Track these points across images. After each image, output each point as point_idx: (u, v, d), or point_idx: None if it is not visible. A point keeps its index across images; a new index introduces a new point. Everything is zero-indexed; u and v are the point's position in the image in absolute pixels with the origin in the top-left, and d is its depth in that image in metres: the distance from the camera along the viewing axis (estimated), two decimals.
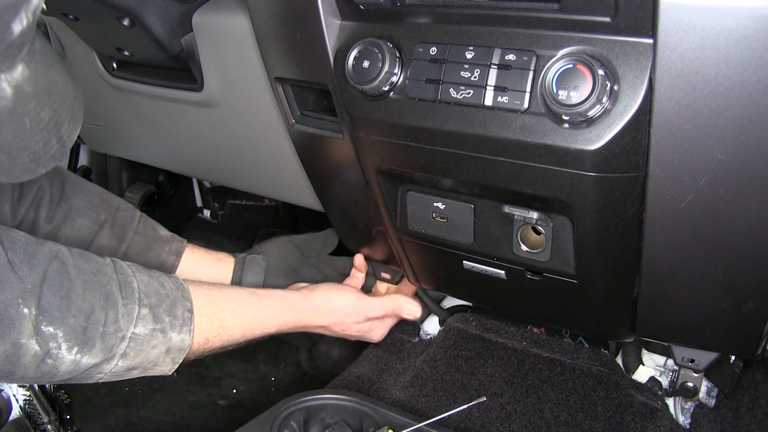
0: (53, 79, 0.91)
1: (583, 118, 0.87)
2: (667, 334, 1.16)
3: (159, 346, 1.06)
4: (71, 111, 0.95)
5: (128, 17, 1.41)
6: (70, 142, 0.96)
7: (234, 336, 1.21)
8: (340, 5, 1.09)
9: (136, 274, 1.08)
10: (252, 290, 1.29)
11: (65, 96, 0.94)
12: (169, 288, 1.10)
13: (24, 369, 0.94)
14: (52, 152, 0.92)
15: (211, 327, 1.15)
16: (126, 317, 1.02)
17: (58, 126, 0.92)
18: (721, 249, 0.94)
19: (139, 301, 1.04)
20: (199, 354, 1.16)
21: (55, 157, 0.94)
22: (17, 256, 0.95)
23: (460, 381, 1.45)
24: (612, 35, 0.86)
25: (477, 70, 0.96)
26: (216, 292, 1.20)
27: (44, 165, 0.92)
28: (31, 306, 0.93)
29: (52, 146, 0.92)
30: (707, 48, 0.78)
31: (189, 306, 1.11)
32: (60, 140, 0.93)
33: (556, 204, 1.02)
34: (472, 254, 1.22)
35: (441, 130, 1.01)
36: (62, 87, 0.93)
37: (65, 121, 0.94)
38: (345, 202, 1.43)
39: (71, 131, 0.96)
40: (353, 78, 1.06)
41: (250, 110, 1.51)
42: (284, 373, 1.96)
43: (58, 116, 0.92)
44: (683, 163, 0.87)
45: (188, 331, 1.09)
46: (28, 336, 0.93)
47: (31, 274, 0.95)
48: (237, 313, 1.20)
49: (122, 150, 2.19)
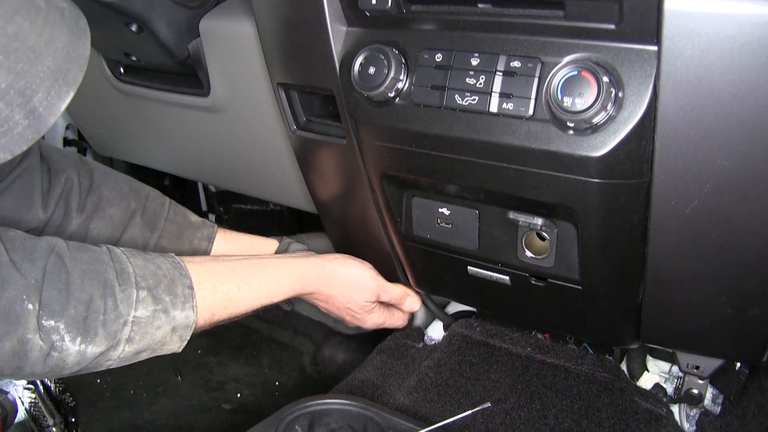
0: (19, 31, 0.74)
1: (587, 124, 0.88)
2: (672, 340, 1.16)
3: (163, 326, 1.04)
4: (54, 74, 0.79)
5: (136, 23, 1.42)
6: (49, 116, 0.79)
7: (241, 308, 1.19)
8: (347, 11, 1.10)
9: (131, 259, 1.06)
10: (258, 260, 1.26)
11: (43, 54, 0.77)
12: (166, 268, 1.08)
13: (32, 364, 0.94)
14: (17, 131, 0.76)
15: (215, 301, 1.13)
16: (125, 302, 1.00)
17: (26, 95, 0.76)
18: (726, 255, 0.94)
19: (136, 284, 1.02)
20: (208, 327, 1.15)
21: (24, 137, 0.77)
22: (17, 254, 0.94)
23: (464, 386, 1.45)
24: (617, 42, 0.87)
25: (482, 77, 0.96)
26: (218, 265, 1.18)
27: (6, 148, 0.76)
28: (35, 301, 0.93)
29: (16, 123, 0.76)
30: (711, 55, 0.79)
31: (188, 283, 1.09)
32: (31, 114, 0.77)
33: (560, 210, 1.03)
34: (476, 260, 1.22)
35: (446, 136, 1.02)
36: (37, 42, 0.76)
37: (41, 88, 0.77)
38: (342, 208, 1.43)
39: (53, 101, 0.79)
40: (359, 84, 1.07)
41: (255, 116, 1.51)
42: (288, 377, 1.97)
43: (25, 81, 0.75)
44: (688, 170, 0.88)
45: (191, 308, 1.07)
46: (33, 331, 0.92)
47: (33, 270, 0.94)
48: (241, 285, 1.18)
49: (128, 154, 2.20)
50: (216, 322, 1.15)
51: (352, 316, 1.43)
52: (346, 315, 1.43)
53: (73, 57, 0.81)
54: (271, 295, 1.23)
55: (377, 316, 1.46)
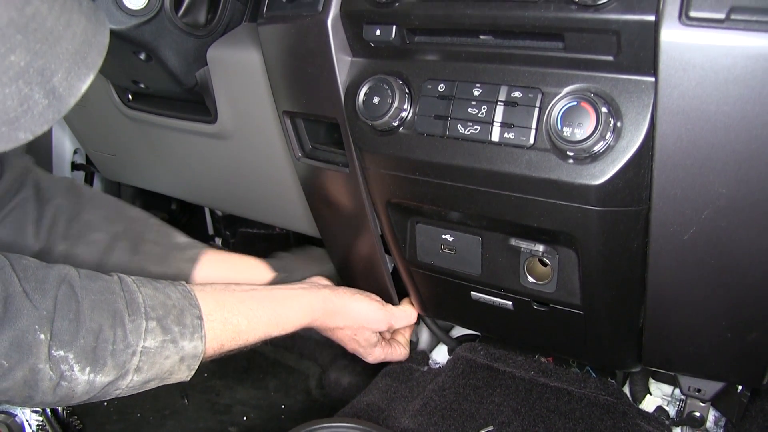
0: (36, 13, 0.75)
1: (587, 153, 0.90)
2: (673, 363, 1.17)
3: (172, 356, 1.04)
4: (73, 56, 0.79)
5: (145, 52, 1.44)
6: (70, 96, 0.80)
7: (250, 339, 1.19)
8: (351, 42, 1.12)
9: (141, 288, 1.06)
10: (268, 291, 1.26)
11: (62, 37, 0.78)
12: (176, 298, 1.08)
13: (42, 394, 0.95)
14: (37, 110, 0.76)
15: (224, 332, 1.13)
16: (134, 332, 1.00)
17: (46, 75, 0.76)
18: (725, 280, 0.96)
19: (145, 315, 1.02)
20: (217, 356, 1.15)
21: (45, 117, 0.77)
22: (29, 284, 0.95)
23: (468, 410, 1.46)
24: (615, 73, 0.89)
25: (484, 107, 0.98)
26: (228, 296, 1.18)
27: (27, 128, 0.76)
28: (47, 332, 0.93)
29: (36, 102, 0.76)
30: (706, 86, 0.81)
31: (197, 313, 1.09)
32: (51, 93, 0.77)
33: (561, 237, 1.04)
34: (479, 285, 1.23)
35: (449, 164, 1.04)
36: (55, 24, 0.77)
37: (60, 68, 0.78)
38: (345, 235, 1.44)
39: (73, 81, 0.79)
40: (363, 113, 1.09)
41: (261, 142, 1.53)
42: (294, 400, 1.97)
43: (44, 61, 0.76)
44: (685, 197, 0.89)
45: (200, 338, 1.07)
46: (44, 361, 0.93)
47: (44, 301, 0.95)
48: (251, 317, 1.18)
49: (136, 179, 2.22)
50: (225, 351, 1.16)
51: (354, 349, 1.45)
52: (350, 345, 1.44)
53: (92, 42, 0.82)
54: (279, 328, 1.24)
55: (379, 351, 1.49)
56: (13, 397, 0.95)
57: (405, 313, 1.48)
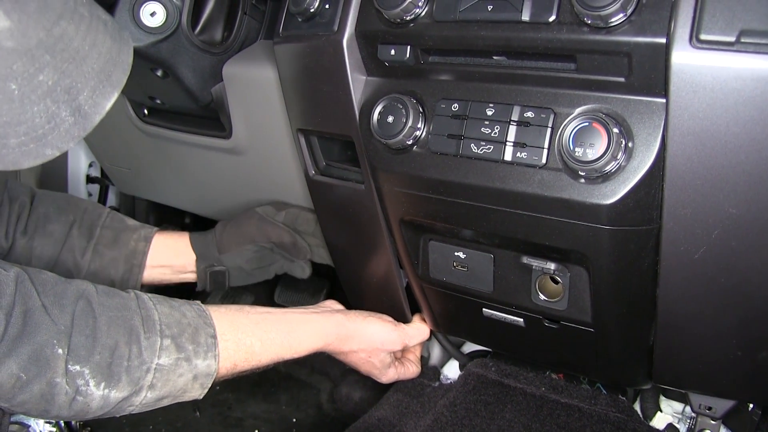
0: (64, 33, 0.77)
1: (598, 173, 0.91)
2: (683, 381, 1.17)
3: (185, 374, 1.06)
4: (98, 75, 0.81)
5: (162, 68, 1.45)
6: (95, 114, 0.82)
7: (263, 360, 1.20)
8: (366, 62, 1.13)
9: (157, 306, 1.07)
10: (282, 315, 1.28)
11: (88, 57, 0.80)
12: (191, 316, 1.10)
13: (58, 408, 0.96)
14: (64, 127, 0.78)
15: (237, 353, 1.14)
16: (149, 350, 1.02)
17: (72, 93, 0.78)
18: (734, 299, 0.96)
19: (160, 332, 1.04)
20: (230, 377, 1.16)
21: (71, 134, 0.79)
22: (48, 299, 0.97)
23: (479, 426, 1.46)
24: (626, 95, 0.90)
25: (497, 127, 0.99)
26: (243, 317, 1.19)
27: (54, 144, 0.78)
28: (64, 346, 0.95)
29: (63, 120, 0.78)
30: (717, 108, 0.82)
31: (212, 332, 1.10)
32: (77, 111, 0.79)
33: (573, 255, 1.05)
34: (491, 302, 1.24)
35: (462, 183, 1.05)
36: (82, 44, 0.79)
37: (86, 87, 0.80)
38: (359, 252, 1.45)
39: (98, 99, 0.81)
40: (378, 132, 1.10)
41: (275, 158, 1.54)
42: (306, 414, 1.97)
43: (71, 80, 0.78)
44: (696, 217, 0.90)
45: (213, 357, 1.09)
46: (61, 375, 0.94)
47: (62, 316, 0.96)
48: (265, 339, 1.19)
49: (150, 193, 2.23)
50: (238, 372, 1.17)
51: (368, 371, 1.46)
52: (364, 368, 1.45)
53: (116, 61, 0.84)
54: (292, 352, 1.25)
55: (393, 371, 1.49)
56: (29, 409, 0.97)
57: (418, 331, 1.48)
